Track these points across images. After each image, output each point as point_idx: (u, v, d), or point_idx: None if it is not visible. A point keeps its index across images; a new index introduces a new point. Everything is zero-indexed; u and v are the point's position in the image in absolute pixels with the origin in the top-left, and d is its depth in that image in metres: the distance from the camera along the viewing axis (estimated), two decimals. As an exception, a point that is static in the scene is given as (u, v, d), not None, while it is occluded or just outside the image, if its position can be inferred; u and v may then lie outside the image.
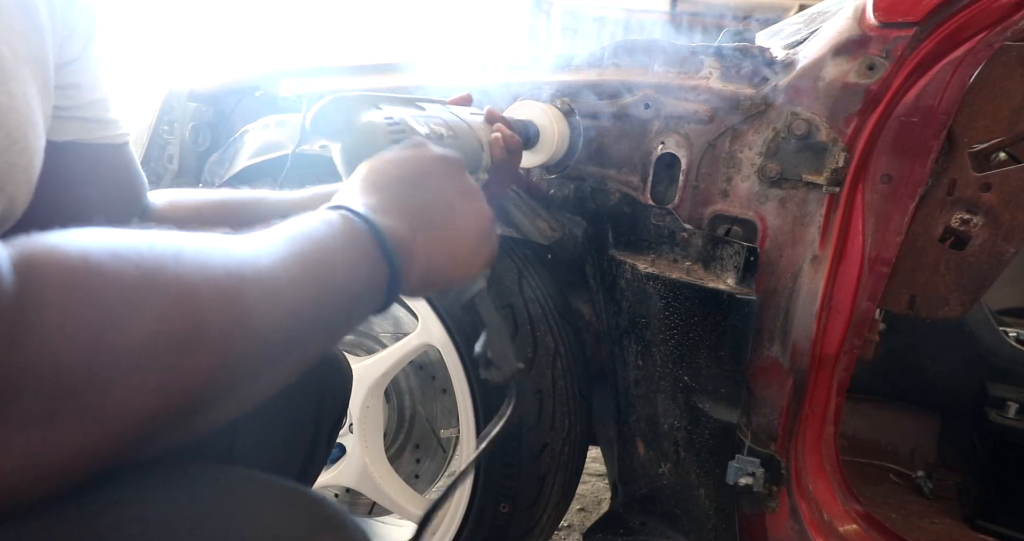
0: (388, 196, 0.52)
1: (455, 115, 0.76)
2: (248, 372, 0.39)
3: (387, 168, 0.55)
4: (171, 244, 0.36)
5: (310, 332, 0.43)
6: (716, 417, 0.91)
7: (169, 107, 1.36)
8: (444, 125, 0.70)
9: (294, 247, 0.43)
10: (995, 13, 0.80)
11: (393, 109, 0.65)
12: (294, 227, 0.45)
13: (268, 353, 0.40)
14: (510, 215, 1.04)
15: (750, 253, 0.86)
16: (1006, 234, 0.96)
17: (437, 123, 0.69)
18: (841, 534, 0.95)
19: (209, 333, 0.35)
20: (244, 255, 0.40)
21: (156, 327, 0.33)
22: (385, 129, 0.61)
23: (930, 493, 1.40)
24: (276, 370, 0.42)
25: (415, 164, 0.56)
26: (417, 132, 0.64)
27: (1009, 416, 1.34)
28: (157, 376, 0.33)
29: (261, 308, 0.39)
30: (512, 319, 1.05)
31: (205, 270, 0.36)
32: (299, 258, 0.42)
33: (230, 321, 0.37)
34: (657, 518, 1.06)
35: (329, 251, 0.45)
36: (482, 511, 1.11)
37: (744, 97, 0.89)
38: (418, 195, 0.54)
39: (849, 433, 1.57)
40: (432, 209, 0.54)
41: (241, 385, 0.39)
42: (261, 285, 0.39)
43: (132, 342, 0.32)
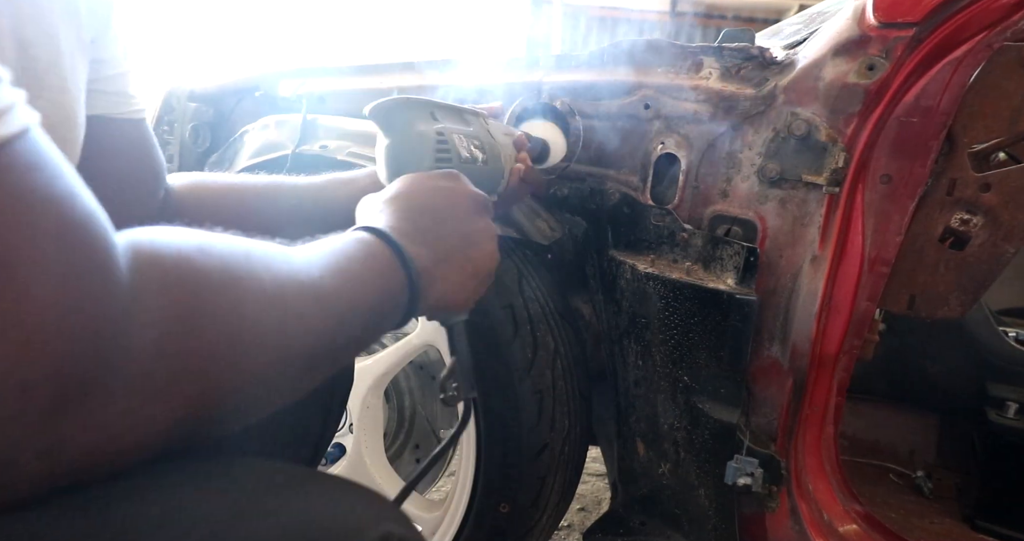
0: (417, 225, 0.56)
1: (491, 135, 0.80)
2: (298, 369, 0.43)
3: (421, 195, 0.60)
4: (250, 250, 0.41)
5: (344, 339, 0.47)
6: (716, 417, 0.91)
7: (169, 107, 1.36)
8: (480, 148, 0.75)
9: (335, 262, 0.47)
10: (995, 13, 0.80)
11: (445, 122, 0.70)
12: (333, 243, 0.49)
13: (315, 354, 0.44)
14: (510, 215, 1.04)
15: (750, 253, 0.86)
16: (1006, 234, 0.96)
17: (476, 144, 0.74)
18: (841, 534, 0.95)
19: (269, 331, 0.40)
20: (299, 264, 0.44)
21: (239, 325, 0.38)
22: (433, 146, 0.66)
23: (930, 493, 1.40)
24: (316, 370, 0.46)
25: (447, 198, 0.61)
26: (459, 154, 0.69)
27: (1009, 416, 1.34)
28: (232, 367, 0.37)
29: (312, 312, 0.43)
30: (512, 319, 1.05)
31: (277, 276, 0.41)
32: (340, 273, 0.46)
33: (291, 321, 0.41)
34: (657, 518, 1.06)
35: (364, 269, 0.49)
36: (482, 511, 1.11)
37: (744, 97, 0.89)
38: (444, 228, 0.58)
39: (849, 433, 1.57)
40: (453, 244, 0.58)
41: (288, 379, 0.43)
42: (315, 292, 0.44)
43: (217, 337, 0.36)
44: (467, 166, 0.70)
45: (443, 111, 0.72)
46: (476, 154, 0.73)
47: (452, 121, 0.72)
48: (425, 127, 0.67)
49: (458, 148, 0.69)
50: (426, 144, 0.66)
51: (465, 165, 0.69)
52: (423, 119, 0.68)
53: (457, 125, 0.72)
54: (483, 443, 1.09)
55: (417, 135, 0.66)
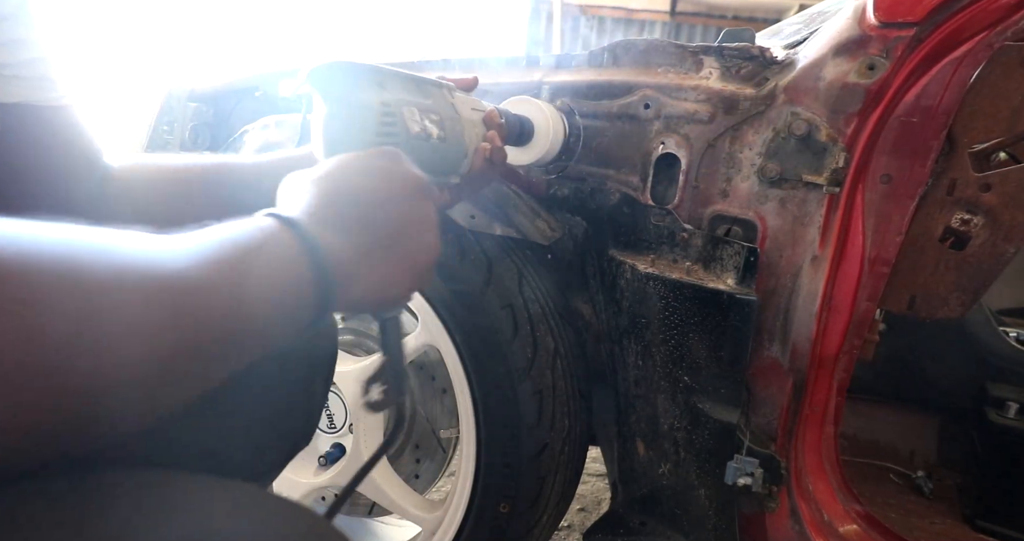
0: (341, 210, 0.51)
1: (455, 109, 0.72)
2: (161, 369, 0.37)
3: (352, 177, 0.53)
4: (76, 240, 0.36)
5: (225, 336, 0.41)
6: (716, 417, 0.91)
7: (169, 107, 1.36)
8: (439, 123, 0.67)
9: (217, 252, 0.42)
10: (995, 13, 0.80)
11: (396, 93, 0.63)
12: (227, 231, 0.44)
13: (178, 354, 0.38)
14: (510, 215, 1.04)
15: (750, 253, 0.86)
16: (1006, 234, 0.96)
17: (433, 118, 0.67)
18: (841, 534, 0.95)
19: (103, 329, 0.35)
20: (158, 255, 0.39)
21: (54, 324, 0.33)
22: (376, 119, 0.59)
23: (930, 493, 1.40)
24: (191, 370, 0.40)
25: (381, 180, 0.54)
26: (408, 130, 0.62)
27: (1009, 416, 1.34)
28: (58, 371, 0.33)
29: (166, 307, 0.37)
30: (512, 319, 1.05)
31: (117, 268, 0.36)
32: (219, 263, 0.41)
33: (133, 317, 0.36)
34: (657, 518, 1.06)
35: (257, 260, 0.43)
36: (482, 511, 1.11)
37: (744, 97, 0.89)
38: (374, 215, 0.52)
39: (849, 433, 1.57)
40: (384, 233, 0.52)
41: (155, 378, 0.37)
42: (174, 285, 0.38)
43: (17, 341, 0.31)
44: (418, 143, 0.63)
45: (394, 79, 0.65)
46: (431, 130, 0.65)
47: (405, 91, 0.65)
48: (369, 96, 0.59)
49: (407, 122, 0.62)
50: (368, 116, 0.59)
51: (416, 142, 0.63)
52: (368, 87, 0.60)
53: (411, 96, 0.65)
54: (483, 443, 1.09)
55: (359, 105, 0.58)
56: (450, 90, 0.74)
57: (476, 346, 1.07)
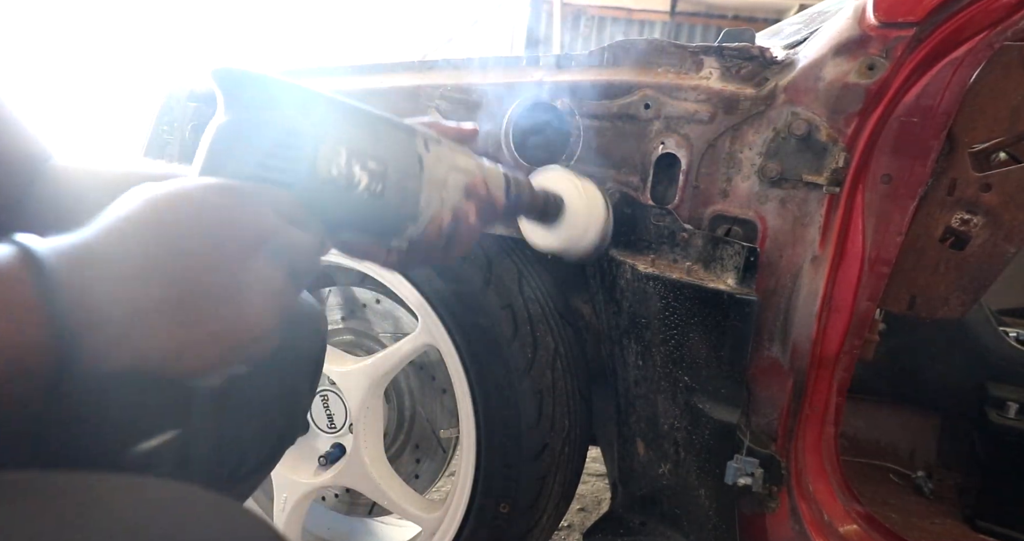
0: (135, 251, 0.40)
1: (419, 163, 0.57)
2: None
3: (168, 212, 0.42)
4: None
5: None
6: (716, 417, 0.91)
7: (169, 107, 1.36)
8: (379, 173, 0.53)
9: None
10: (995, 13, 0.80)
11: (322, 125, 0.50)
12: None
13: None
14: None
15: (750, 253, 0.86)
16: (1006, 234, 0.96)
17: (371, 166, 0.52)
18: (841, 534, 0.95)
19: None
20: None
21: None
22: (268, 145, 0.47)
23: (930, 493, 1.40)
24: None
25: (204, 226, 0.43)
26: (315, 169, 0.48)
27: (1009, 416, 1.34)
28: None
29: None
30: (512, 319, 1.05)
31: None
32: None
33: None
34: (657, 518, 1.06)
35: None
36: (482, 511, 1.11)
37: (744, 97, 0.89)
38: (176, 265, 0.41)
39: (849, 433, 1.57)
40: (186, 289, 0.41)
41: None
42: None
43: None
44: (330, 189, 0.49)
45: (328, 109, 0.52)
46: (359, 177, 0.51)
47: (341, 126, 0.52)
48: (271, 117, 0.47)
49: (319, 160, 0.48)
50: (258, 140, 0.47)
51: (326, 187, 0.49)
52: (276, 107, 0.48)
53: (348, 134, 0.52)
54: (483, 443, 1.09)
55: (253, 123, 0.46)
56: (426, 140, 0.59)
57: (476, 346, 1.07)
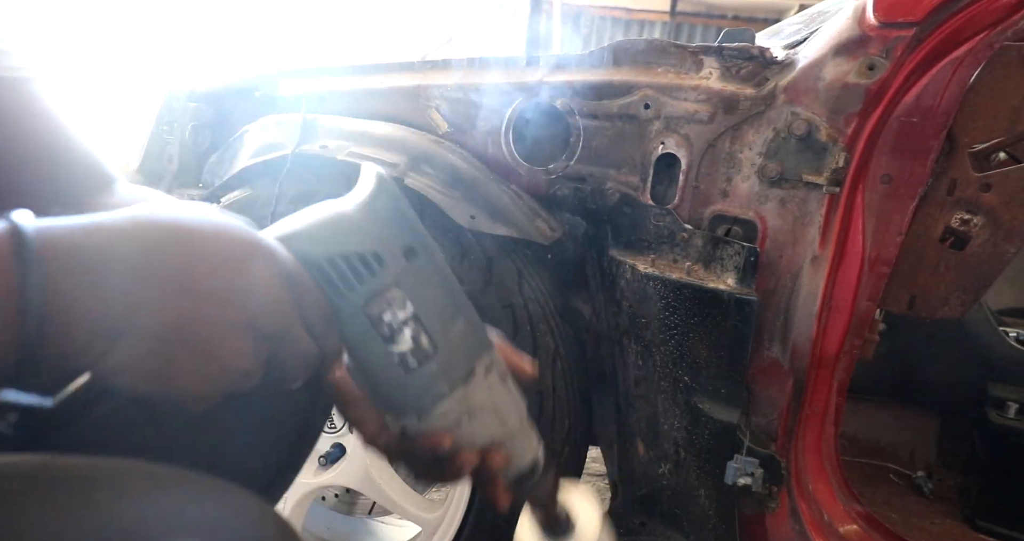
0: (149, 267, 0.39)
1: (466, 378, 0.51)
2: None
3: (186, 231, 0.41)
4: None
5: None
6: (716, 417, 0.91)
7: (169, 107, 1.36)
8: (422, 353, 0.48)
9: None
10: (995, 13, 0.80)
11: (409, 274, 0.47)
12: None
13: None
14: (510, 215, 1.04)
15: (750, 253, 0.86)
16: (1006, 234, 0.96)
17: (422, 342, 0.48)
18: (841, 534, 0.94)
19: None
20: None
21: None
22: (348, 252, 0.45)
23: (930, 493, 1.40)
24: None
25: (242, 288, 0.41)
26: (363, 304, 0.45)
27: (1009, 416, 1.34)
28: None
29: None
30: (512, 319, 1.05)
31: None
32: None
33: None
34: (657, 518, 1.06)
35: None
36: (482, 511, 1.11)
37: (744, 97, 0.89)
38: (185, 306, 0.40)
39: (849, 433, 1.57)
40: (179, 339, 0.40)
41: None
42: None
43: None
44: (364, 329, 0.46)
45: (432, 265, 0.49)
46: (401, 342, 0.47)
47: (428, 287, 0.48)
48: (383, 236, 0.46)
49: (380, 299, 0.46)
50: (356, 245, 0.45)
51: (363, 324, 0.46)
52: (397, 233, 0.47)
53: (430, 298, 0.49)
54: (483, 443, 1.09)
55: (367, 231, 0.45)
56: (492, 364, 0.54)
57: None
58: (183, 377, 0.40)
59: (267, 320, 0.42)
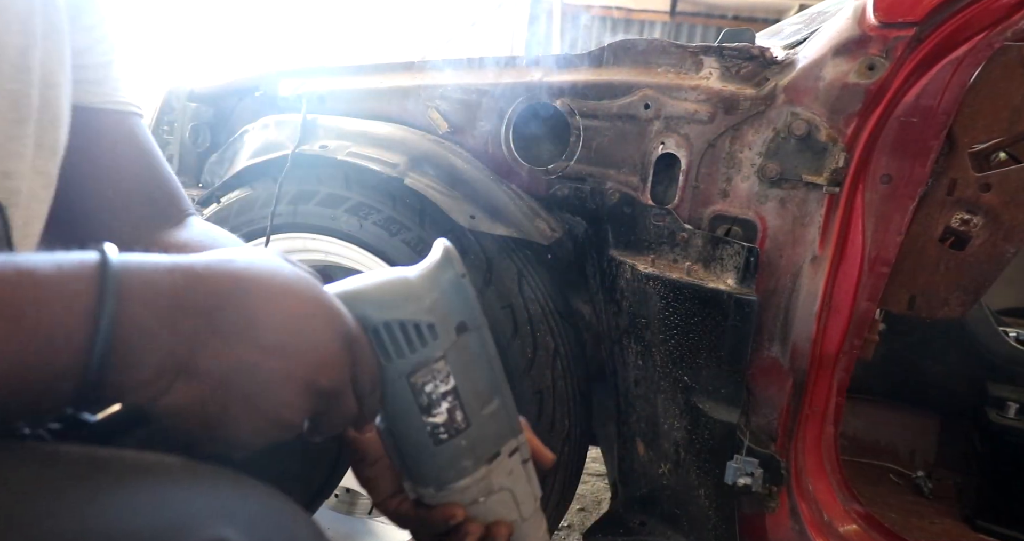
0: (222, 318, 0.40)
1: (491, 462, 0.53)
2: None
3: (285, 307, 0.42)
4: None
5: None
6: (716, 417, 0.91)
7: (169, 107, 1.36)
8: (454, 428, 0.50)
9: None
10: (995, 13, 0.80)
11: (459, 350, 0.49)
12: (32, 255, 0.36)
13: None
14: (510, 215, 1.04)
15: (750, 253, 0.86)
16: (1006, 234, 0.96)
17: (457, 418, 0.50)
18: (841, 534, 0.94)
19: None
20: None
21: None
22: (406, 325, 0.46)
23: (930, 493, 1.40)
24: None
25: (305, 344, 0.42)
26: (407, 376, 0.47)
27: (1009, 416, 1.34)
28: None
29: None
30: (512, 319, 1.05)
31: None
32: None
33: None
34: (657, 518, 1.06)
35: (26, 292, 0.35)
36: (482, 511, 1.11)
37: (744, 97, 0.89)
38: (249, 359, 0.40)
39: (849, 433, 1.57)
40: (236, 390, 0.40)
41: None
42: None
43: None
44: (403, 395, 0.48)
45: (481, 347, 0.51)
46: (436, 414, 0.49)
47: (473, 367, 0.50)
48: (439, 310, 0.47)
49: (425, 371, 0.47)
50: (411, 313, 0.47)
51: (402, 391, 0.48)
52: (452, 309, 0.48)
53: (472, 377, 0.50)
54: (483, 443, 1.09)
55: (425, 303, 0.47)
56: (519, 449, 0.55)
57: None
58: (233, 425, 0.41)
59: (324, 378, 0.43)
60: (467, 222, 1.02)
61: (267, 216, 1.16)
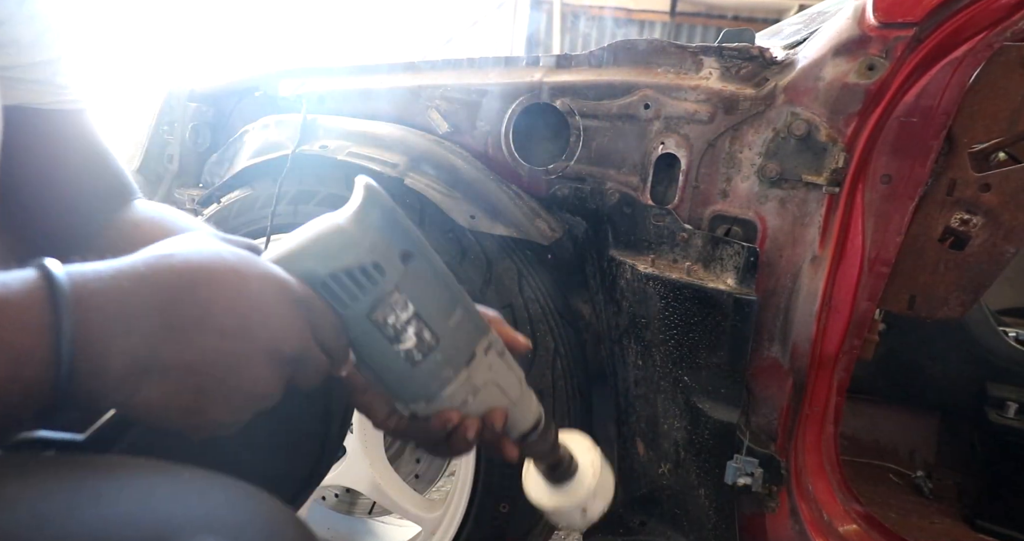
0: (168, 308, 0.40)
1: (469, 360, 0.54)
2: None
3: (226, 283, 0.43)
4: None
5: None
6: (716, 417, 0.91)
7: (169, 107, 1.36)
8: (426, 347, 0.50)
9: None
10: (995, 13, 0.80)
11: (409, 276, 0.49)
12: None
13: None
14: (510, 215, 1.04)
15: (750, 253, 0.86)
16: (1006, 234, 0.96)
17: (425, 337, 0.50)
18: (841, 534, 0.95)
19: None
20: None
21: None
22: (349, 266, 0.46)
23: (930, 493, 1.40)
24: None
25: (256, 316, 0.43)
26: (368, 310, 0.47)
27: (1009, 416, 1.34)
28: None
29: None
30: (512, 319, 1.05)
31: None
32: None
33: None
34: (657, 518, 1.06)
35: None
36: (482, 511, 1.11)
37: (744, 97, 0.89)
38: (206, 341, 0.41)
39: (849, 433, 1.57)
40: (202, 369, 0.41)
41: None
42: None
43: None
44: (370, 331, 0.48)
45: (427, 265, 0.50)
46: (406, 339, 0.49)
47: (426, 286, 0.50)
48: (379, 246, 0.47)
49: (383, 305, 0.47)
50: (354, 257, 0.46)
51: (369, 327, 0.48)
52: (392, 240, 0.48)
53: (428, 296, 0.50)
54: (483, 443, 1.09)
55: (362, 243, 0.46)
56: (491, 344, 0.56)
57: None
58: (212, 408, 0.43)
59: (286, 346, 0.44)
60: (467, 222, 1.02)
61: (267, 216, 1.16)
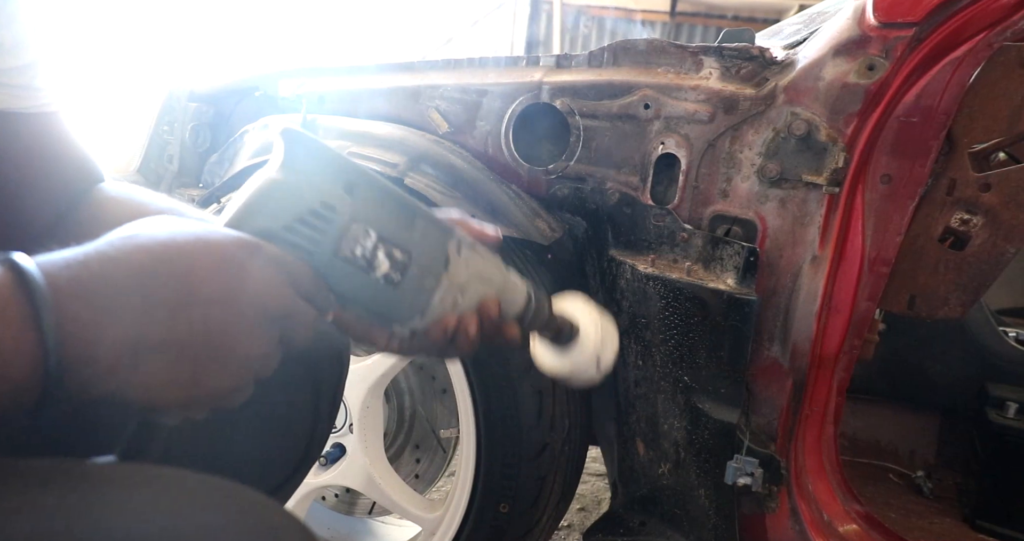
0: (147, 287, 0.40)
1: (445, 263, 0.55)
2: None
3: (195, 254, 0.43)
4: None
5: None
6: (716, 417, 0.91)
7: (169, 107, 1.36)
8: (401, 264, 0.52)
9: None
10: (995, 13, 0.80)
11: (360, 205, 0.49)
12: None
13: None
14: (510, 215, 1.04)
15: (750, 253, 0.86)
16: (1006, 234, 0.96)
17: (396, 255, 0.51)
18: (841, 534, 0.95)
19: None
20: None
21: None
22: (300, 213, 0.47)
23: (930, 493, 1.40)
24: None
25: (230, 281, 0.43)
26: (337, 249, 0.48)
27: (1009, 416, 1.34)
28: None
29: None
30: (512, 319, 1.05)
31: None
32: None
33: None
34: (657, 518, 1.06)
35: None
36: (482, 511, 1.11)
37: (744, 97, 0.89)
38: (188, 313, 0.41)
39: (849, 433, 1.57)
40: (191, 342, 0.41)
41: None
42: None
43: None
44: (346, 268, 0.49)
45: (373, 192, 0.51)
46: (380, 263, 0.50)
47: (378, 210, 0.51)
48: (321, 185, 0.48)
49: (343, 239, 0.48)
50: (301, 203, 0.47)
51: (342, 265, 0.49)
52: (331, 176, 0.49)
53: (381, 217, 0.51)
54: (483, 443, 1.09)
55: (302, 187, 0.47)
56: (460, 243, 0.57)
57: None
58: (210, 378, 0.43)
59: (272, 304, 0.45)
60: (467, 222, 1.02)
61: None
